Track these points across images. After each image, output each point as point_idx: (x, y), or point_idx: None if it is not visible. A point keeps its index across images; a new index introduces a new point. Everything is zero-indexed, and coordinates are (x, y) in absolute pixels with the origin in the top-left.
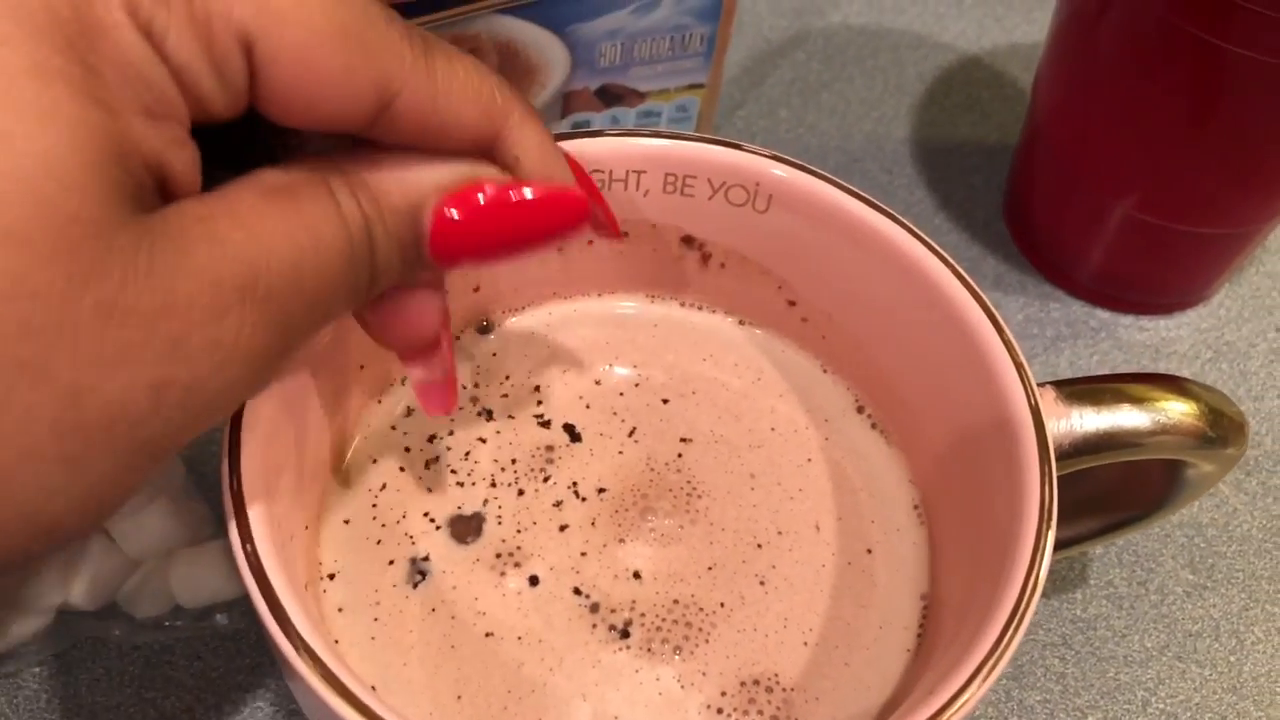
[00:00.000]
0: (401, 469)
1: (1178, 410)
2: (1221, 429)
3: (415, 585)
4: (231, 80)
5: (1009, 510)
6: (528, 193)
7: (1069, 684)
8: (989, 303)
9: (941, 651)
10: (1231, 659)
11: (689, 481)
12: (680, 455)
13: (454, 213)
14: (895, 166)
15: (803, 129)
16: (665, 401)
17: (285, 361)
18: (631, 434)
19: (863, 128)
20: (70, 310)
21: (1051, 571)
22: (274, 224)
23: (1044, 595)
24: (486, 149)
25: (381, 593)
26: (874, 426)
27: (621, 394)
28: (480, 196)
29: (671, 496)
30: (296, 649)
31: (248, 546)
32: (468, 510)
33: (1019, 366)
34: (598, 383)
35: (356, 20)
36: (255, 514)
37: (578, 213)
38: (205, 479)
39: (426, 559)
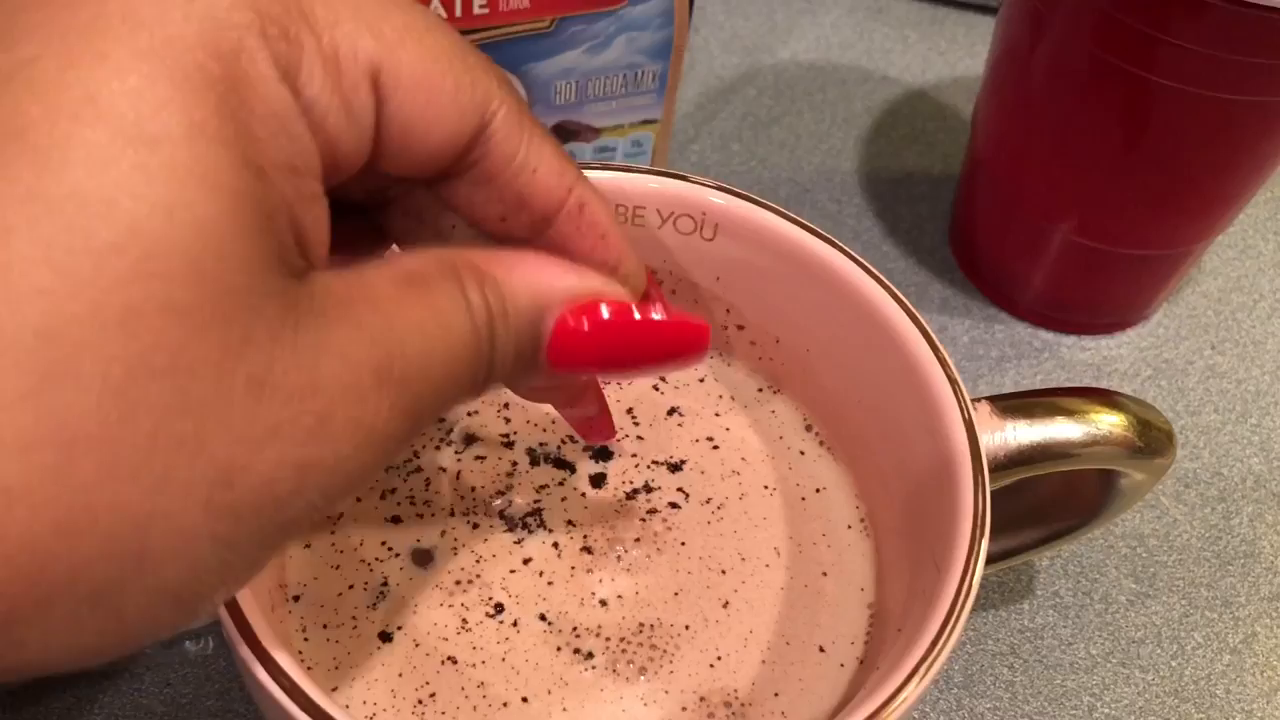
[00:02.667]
0: (359, 499)
1: (1108, 422)
2: (1150, 439)
3: (375, 607)
4: (359, 114)
5: (945, 518)
6: (655, 315)
7: (1018, 691)
8: (924, 321)
9: (885, 659)
10: (1173, 664)
11: (656, 510)
12: (649, 483)
13: (580, 323)
14: (844, 196)
15: (754, 162)
16: (635, 423)
17: (407, 448)
18: (599, 460)
19: (812, 160)
20: (225, 385)
21: (999, 582)
22: (408, 313)
23: (992, 605)
24: (560, 201)
25: (342, 615)
26: (822, 444)
27: None
28: (606, 311)
29: (640, 526)
30: (266, 668)
31: None
32: (426, 542)
33: (953, 381)
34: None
35: (455, 42)
36: None
37: (700, 340)
38: None
39: (385, 584)
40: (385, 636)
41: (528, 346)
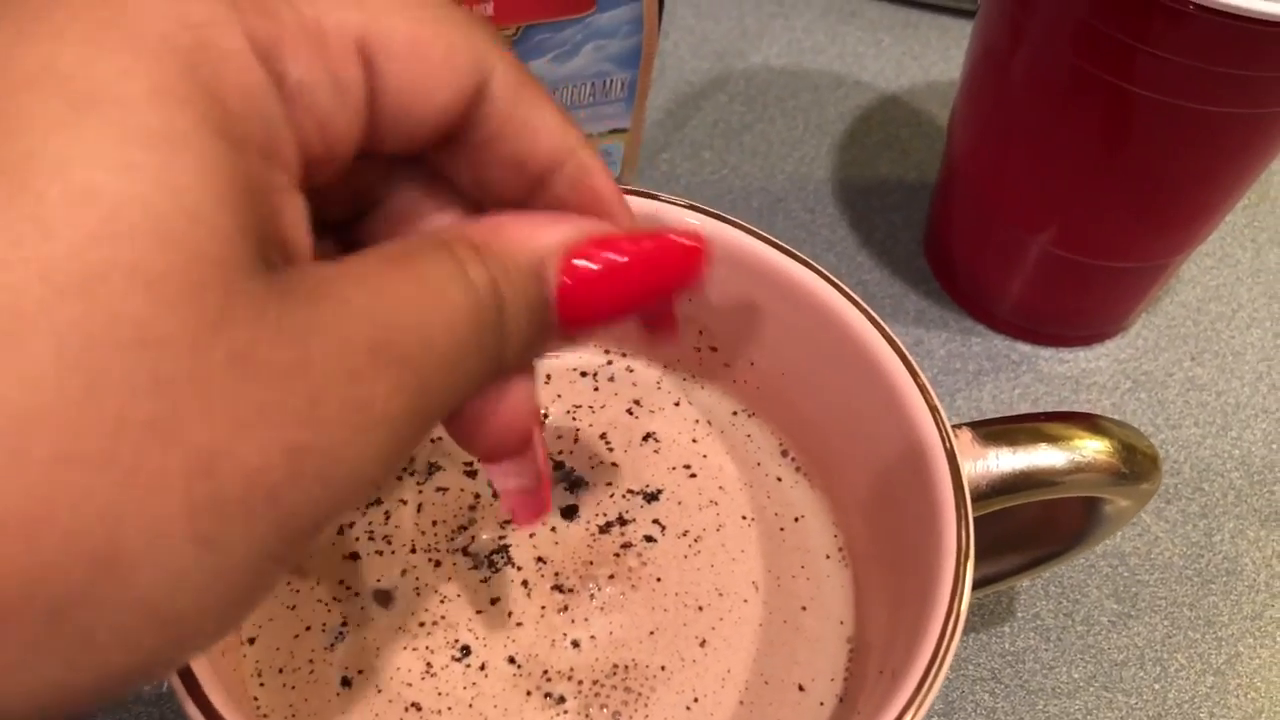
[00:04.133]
0: None
1: (1092, 448)
2: (1135, 464)
3: (333, 649)
4: (350, 90)
5: (928, 552)
6: (653, 242)
7: (999, 718)
8: (904, 348)
9: (866, 696)
10: (1156, 686)
11: (631, 544)
12: (624, 515)
13: (583, 265)
14: (817, 206)
15: (726, 170)
16: (609, 449)
17: (425, 434)
18: (571, 490)
19: (785, 168)
20: (202, 361)
21: (980, 606)
22: (400, 288)
23: (973, 630)
24: (560, 163)
25: (299, 659)
26: (799, 470)
27: (560, 450)
28: (604, 249)
29: (614, 561)
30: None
31: None
32: (386, 581)
33: (934, 410)
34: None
35: (443, 1)
36: None
37: (698, 259)
38: None
39: (344, 625)
40: (345, 682)
41: (538, 306)
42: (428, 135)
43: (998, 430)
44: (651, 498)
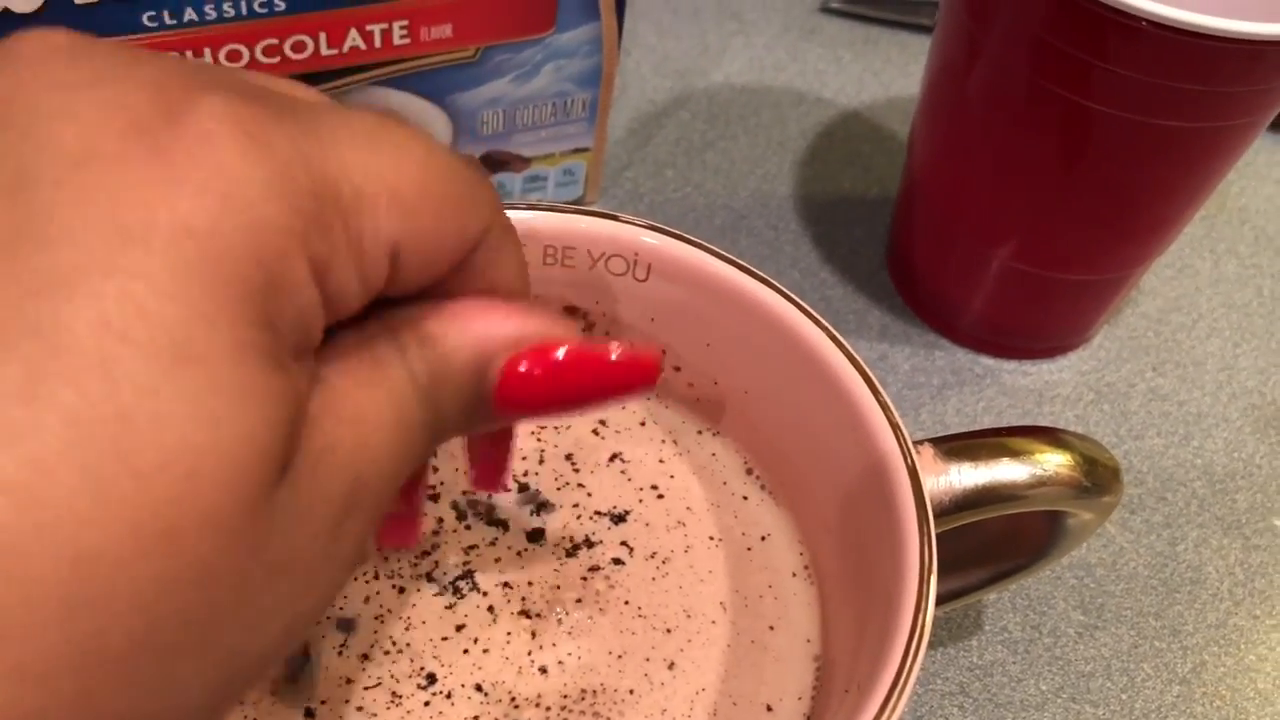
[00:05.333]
0: None
1: (1054, 462)
2: (1097, 477)
3: (295, 680)
4: (373, 285)
5: (891, 568)
6: (603, 353)
7: None
8: (865, 365)
9: (833, 713)
10: (1124, 696)
11: (599, 567)
12: (590, 537)
13: (528, 368)
14: (780, 222)
15: (689, 188)
16: (575, 470)
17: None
18: (537, 512)
19: (748, 185)
20: (246, 583)
21: (947, 620)
22: (366, 408)
23: (940, 644)
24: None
25: (260, 689)
26: (763, 488)
27: (525, 472)
28: (553, 357)
29: (581, 585)
30: None
31: None
32: (349, 609)
33: (895, 427)
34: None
35: (459, 179)
36: None
37: (651, 371)
38: None
39: (306, 655)
40: (309, 713)
41: (472, 399)
42: (420, 288)
43: (960, 445)
44: (619, 519)
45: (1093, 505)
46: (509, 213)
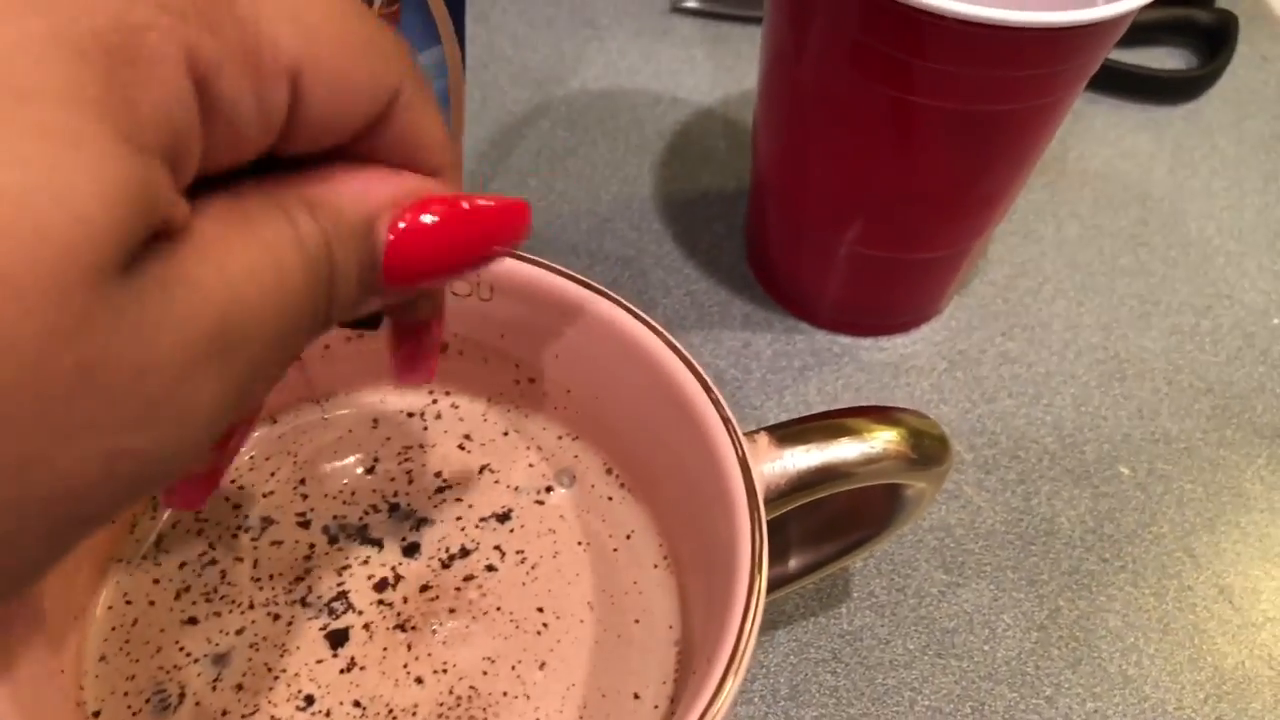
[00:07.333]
0: (152, 603)
1: (883, 438)
2: (925, 450)
3: (174, 713)
4: (272, 111)
5: (729, 552)
6: (482, 203)
7: (842, 696)
8: (696, 364)
9: (690, 693)
10: (985, 648)
11: (473, 576)
12: (466, 546)
13: (413, 223)
14: (643, 223)
15: (553, 196)
16: (440, 490)
17: (247, 409)
18: (415, 528)
19: (610, 189)
20: (45, 370)
21: (817, 590)
22: (239, 256)
23: (812, 613)
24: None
25: None
26: (623, 486)
27: (396, 492)
28: (434, 209)
29: (455, 595)
30: None
31: None
32: (225, 642)
33: (725, 420)
34: (369, 472)
35: (371, 27)
36: None
37: (524, 216)
38: None
39: (183, 692)
40: None
41: (367, 263)
42: (326, 146)
43: (795, 430)
44: (504, 518)
45: (924, 475)
46: None
